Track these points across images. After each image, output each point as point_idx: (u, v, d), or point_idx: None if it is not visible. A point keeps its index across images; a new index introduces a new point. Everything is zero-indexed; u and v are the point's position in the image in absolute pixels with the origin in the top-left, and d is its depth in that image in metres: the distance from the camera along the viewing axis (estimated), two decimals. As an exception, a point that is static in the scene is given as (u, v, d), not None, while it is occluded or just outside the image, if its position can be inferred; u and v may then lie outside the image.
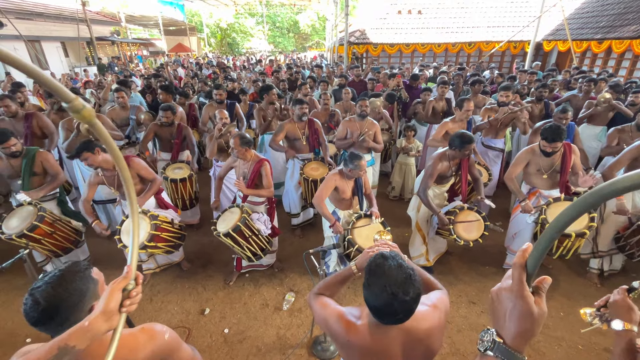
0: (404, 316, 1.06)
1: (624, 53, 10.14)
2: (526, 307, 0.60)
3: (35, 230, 2.76)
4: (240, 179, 3.05)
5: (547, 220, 2.75)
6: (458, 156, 2.95)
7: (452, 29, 14.08)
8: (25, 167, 2.94)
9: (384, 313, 1.07)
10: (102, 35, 17.92)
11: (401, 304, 1.03)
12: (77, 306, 0.98)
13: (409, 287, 1.03)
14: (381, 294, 1.04)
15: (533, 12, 12.32)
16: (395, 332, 1.14)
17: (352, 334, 1.16)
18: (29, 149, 3.00)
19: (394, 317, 1.06)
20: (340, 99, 5.19)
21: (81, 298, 0.99)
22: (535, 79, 6.19)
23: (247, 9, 33.68)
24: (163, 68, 9.58)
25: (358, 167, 2.67)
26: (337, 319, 1.22)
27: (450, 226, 2.88)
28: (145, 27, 26.60)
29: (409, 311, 1.06)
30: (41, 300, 0.94)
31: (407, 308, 1.05)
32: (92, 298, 1.02)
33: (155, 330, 1.12)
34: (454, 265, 3.54)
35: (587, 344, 2.61)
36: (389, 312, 1.05)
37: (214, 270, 3.52)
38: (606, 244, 3.12)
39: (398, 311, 1.04)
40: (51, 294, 0.95)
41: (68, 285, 0.98)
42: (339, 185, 2.89)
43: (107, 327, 0.84)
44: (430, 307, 1.23)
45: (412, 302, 1.05)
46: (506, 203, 4.52)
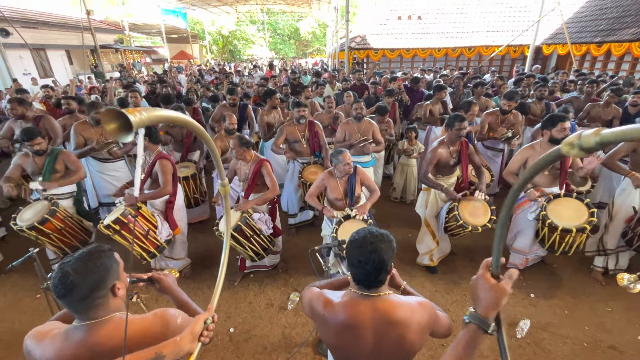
0: (375, 271, 1.19)
1: (623, 56, 10.22)
2: (487, 286, 0.86)
3: (45, 224, 2.86)
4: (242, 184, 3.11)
5: (547, 216, 2.76)
6: (454, 138, 3.05)
7: (451, 33, 14.22)
8: (47, 164, 3.10)
9: (358, 269, 1.21)
10: (106, 43, 18.17)
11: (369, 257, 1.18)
12: (102, 281, 1.05)
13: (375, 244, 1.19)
14: (354, 253, 1.22)
15: (532, 17, 12.44)
16: (366, 306, 1.22)
17: (328, 309, 1.27)
18: (54, 149, 3.17)
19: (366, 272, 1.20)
20: (342, 102, 5.25)
21: (106, 274, 1.06)
22: (534, 82, 6.24)
23: (248, 17, 34.14)
24: (166, 74, 9.70)
25: (340, 160, 2.75)
26: (318, 297, 1.32)
27: (456, 212, 2.90)
28: (148, 35, 26.94)
29: (378, 265, 1.18)
30: (71, 272, 1.00)
31: (376, 262, 1.18)
32: (114, 277, 1.09)
33: (167, 314, 1.16)
34: (457, 265, 3.55)
35: (592, 342, 2.61)
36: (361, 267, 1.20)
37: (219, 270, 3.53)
38: (614, 242, 3.13)
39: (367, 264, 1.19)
40: (80, 267, 1.02)
41: (96, 260, 1.05)
42: (328, 185, 2.93)
43: (189, 348, 1.04)
44: (414, 302, 1.27)
45: (378, 257, 1.18)
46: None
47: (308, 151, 3.87)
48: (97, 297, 1.04)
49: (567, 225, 2.68)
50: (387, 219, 4.41)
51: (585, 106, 4.53)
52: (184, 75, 13.34)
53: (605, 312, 2.88)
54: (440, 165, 3.23)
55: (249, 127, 4.66)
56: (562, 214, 2.76)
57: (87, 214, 3.29)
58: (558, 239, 2.78)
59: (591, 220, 2.67)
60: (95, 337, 1.04)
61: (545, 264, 3.50)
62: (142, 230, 2.91)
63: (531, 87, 5.96)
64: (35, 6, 16.02)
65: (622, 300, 2.97)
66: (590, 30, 11.39)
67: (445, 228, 3.21)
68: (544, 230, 2.88)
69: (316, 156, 3.89)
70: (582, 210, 2.74)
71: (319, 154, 3.89)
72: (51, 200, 3.02)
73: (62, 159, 3.16)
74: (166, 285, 1.35)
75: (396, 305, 1.22)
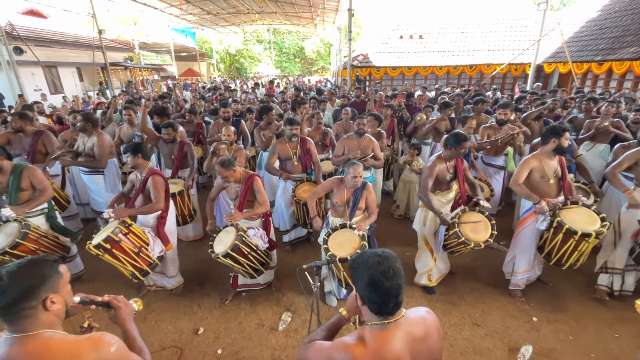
0: (396, 294, 1.12)
1: (625, 74, 10.22)
2: None
3: (18, 248, 2.72)
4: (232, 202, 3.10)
5: (563, 221, 2.70)
6: (454, 155, 3.05)
7: (453, 52, 14.42)
8: (12, 182, 2.91)
9: (378, 296, 1.12)
10: (116, 60, 18.72)
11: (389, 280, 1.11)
12: (33, 290, 1.02)
13: (390, 264, 1.13)
14: (371, 278, 1.12)
15: (532, 36, 12.59)
16: (399, 335, 1.15)
17: (361, 354, 1.11)
18: (18, 165, 2.99)
19: (388, 297, 1.11)
20: (340, 118, 5.27)
21: (40, 283, 1.03)
22: (535, 98, 6.23)
23: (255, 36, 35.12)
24: (172, 91, 9.90)
25: (350, 172, 2.82)
26: (343, 348, 1.15)
27: (457, 229, 2.84)
28: (157, 53, 27.78)
29: (398, 287, 1.12)
30: (3, 276, 1.00)
31: (397, 284, 1.12)
32: (51, 289, 1.06)
33: (102, 340, 1.09)
34: (456, 285, 3.43)
35: (599, 370, 2.46)
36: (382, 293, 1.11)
37: (211, 289, 3.45)
38: (622, 260, 3.01)
39: (389, 288, 1.11)
40: (14, 272, 1.01)
41: (32, 267, 1.04)
42: (336, 189, 3.00)
43: None
44: (422, 312, 1.27)
45: (398, 278, 1.12)
46: (510, 222, 4.43)
47: (299, 169, 3.83)
48: (24, 307, 1.01)
49: (586, 229, 2.63)
50: (385, 237, 4.31)
51: (585, 123, 4.48)
52: (189, 92, 13.62)
53: (612, 338, 2.73)
54: (437, 181, 3.19)
55: (243, 142, 4.69)
56: (576, 219, 2.72)
57: (63, 229, 3.19)
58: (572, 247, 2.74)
59: (605, 224, 2.67)
60: (16, 353, 0.98)
61: (542, 282, 3.37)
62: (134, 248, 2.86)
63: (532, 105, 5.95)
64: (50, 26, 16.59)
65: (630, 325, 2.82)
66: (591, 49, 11.47)
67: (444, 246, 3.12)
68: (554, 241, 2.82)
69: (308, 174, 3.85)
70: (593, 216, 2.74)
71: (311, 172, 3.85)
72: (22, 222, 2.80)
73: (27, 175, 2.95)
74: (121, 316, 1.29)
75: (418, 322, 1.21)
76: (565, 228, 2.68)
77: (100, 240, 2.68)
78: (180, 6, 14.93)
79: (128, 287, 3.36)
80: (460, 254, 3.13)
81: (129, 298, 1.45)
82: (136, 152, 2.96)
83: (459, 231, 2.83)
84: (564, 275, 3.43)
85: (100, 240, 2.68)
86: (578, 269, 2.95)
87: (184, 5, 15.26)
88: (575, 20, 13.76)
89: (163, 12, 16.83)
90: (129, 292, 3.32)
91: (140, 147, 3.00)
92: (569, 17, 14.29)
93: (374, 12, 21.05)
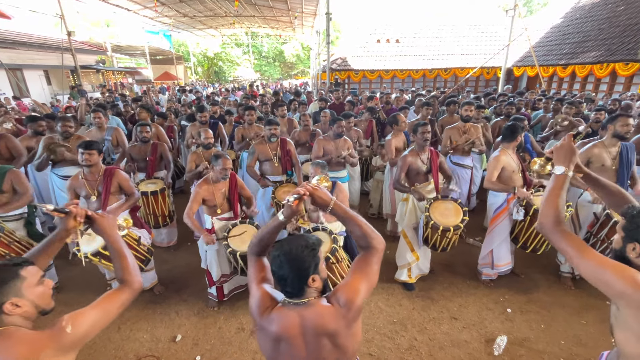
0: (292, 284, 1.20)
1: (587, 77, 10.88)
2: None
3: None
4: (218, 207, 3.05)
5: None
6: (420, 142, 3.25)
7: (428, 56, 14.86)
8: None
9: (277, 276, 1.22)
10: (87, 63, 18.02)
11: (285, 268, 1.19)
12: None
13: (293, 258, 1.19)
14: (275, 258, 1.22)
15: (502, 41, 13.18)
16: (294, 316, 1.20)
17: (265, 315, 1.23)
18: (1, 167, 2.93)
19: (284, 281, 1.20)
20: (319, 121, 5.30)
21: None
22: (502, 100, 6.54)
23: (233, 39, 34.77)
24: (146, 94, 9.63)
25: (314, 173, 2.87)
26: (262, 298, 1.27)
27: (427, 213, 2.97)
28: (132, 56, 26.97)
29: (295, 277, 1.19)
30: None
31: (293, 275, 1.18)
32: (11, 293, 1.05)
33: (57, 329, 1.08)
34: (435, 282, 3.50)
35: (569, 356, 2.57)
36: (279, 274, 1.21)
37: (189, 294, 3.36)
38: None
39: (285, 275, 1.19)
40: None
41: None
42: None
43: None
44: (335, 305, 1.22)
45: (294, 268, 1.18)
46: (483, 219, 4.58)
47: (279, 170, 3.82)
48: None
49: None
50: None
51: (549, 122, 4.73)
52: (166, 96, 13.29)
53: (580, 325, 2.87)
54: (413, 173, 3.35)
55: (221, 144, 4.63)
56: None
57: (40, 236, 3.04)
58: (535, 232, 2.91)
59: (569, 209, 2.96)
60: None
61: (515, 274, 3.50)
62: (134, 243, 2.86)
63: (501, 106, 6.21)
64: (14, 27, 15.77)
65: (595, 312, 2.98)
66: (556, 54, 12.13)
67: (425, 240, 3.18)
68: (520, 226, 3.02)
69: (288, 175, 3.84)
70: None
71: (291, 173, 3.84)
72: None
73: (10, 178, 2.88)
74: (102, 225, 1.35)
75: (322, 314, 1.19)
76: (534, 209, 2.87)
77: (100, 248, 2.56)
78: (154, 8, 14.59)
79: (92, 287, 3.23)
80: (442, 248, 3.16)
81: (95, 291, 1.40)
82: (100, 151, 2.93)
83: (429, 215, 2.96)
84: (534, 267, 3.59)
85: (99, 248, 2.56)
86: (547, 261, 3.11)
87: (159, 8, 14.93)
88: (541, 27, 14.53)
89: (137, 14, 16.37)
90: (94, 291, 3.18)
91: (100, 145, 2.96)
92: (535, 24, 15.05)
93: (352, 16, 21.40)
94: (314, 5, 14.62)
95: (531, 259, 3.54)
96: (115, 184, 3.01)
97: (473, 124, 4.34)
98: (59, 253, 1.38)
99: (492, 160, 3.16)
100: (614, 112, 4.76)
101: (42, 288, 1.14)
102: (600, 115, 4.46)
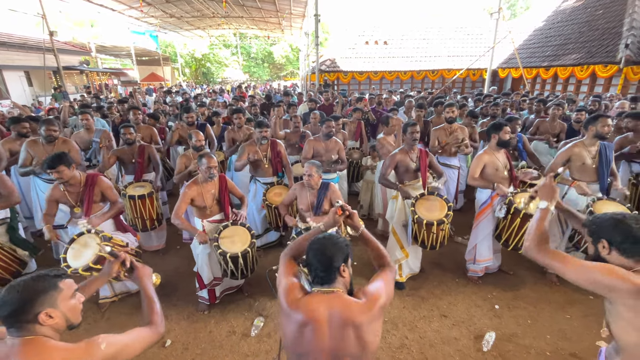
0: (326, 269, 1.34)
1: (568, 78, 11.20)
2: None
3: None
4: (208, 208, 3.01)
5: (518, 207, 2.91)
6: (409, 142, 3.32)
7: (415, 57, 15.06)
8: None
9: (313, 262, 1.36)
10: (70, 64, 17.58)
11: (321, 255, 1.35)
12: (27, 304, 1.07)
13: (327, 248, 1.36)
14: (312, 248, 1.38)
15: (488, 43, 13.45)
16: (321, 300, 1.31)
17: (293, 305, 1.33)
18: None
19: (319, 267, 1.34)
20: (309, 122, 5.31)
21: (33, 298, 1.08)
22: (487, 101, 6.67)
23: (221, 40, 34.50)
24: (132, 96, 9.47)
25: (305, 171, 2.86)
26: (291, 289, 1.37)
27: (412, 208, 3.05)
28: (117, 57, 26.45)
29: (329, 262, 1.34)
30: (3, 290, 1.08)
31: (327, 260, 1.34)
32: (46, 304, 1.10)
33: (91, 343, 1.14)
34: (425, 281, 3.54)
35: (554, 350, 2.64)
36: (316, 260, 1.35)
37: (179, 298, 3.32)
38: (564, 245, 3.32)
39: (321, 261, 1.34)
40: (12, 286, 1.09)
41: (29, 282, 1.11)
42: (299, 195, 3.01)
43: None
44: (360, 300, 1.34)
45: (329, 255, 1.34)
46: (472, 217, 4.65)
47: (270, 171, 3.81)
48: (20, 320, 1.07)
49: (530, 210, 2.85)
50: (353, 236, 4.38)
51: (535, 122, 4.85)
52: (153, 97, 13.08)
53: (564, 319, 2.95)
54: (402, 170, 3.43)
55: (209, 146, 4.59)
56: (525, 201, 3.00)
57: (23, 242, 2.95)
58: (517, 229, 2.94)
59: None
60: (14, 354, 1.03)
61: (503, 272, 3.58)
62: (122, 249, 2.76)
63: (487, 107, 6.34)
64: (-7, 27, 15.33)
65: (579, 307, 3.07)
66: (539, 56, 12.45)
67: (415, 238, 3.22)
68: (503, 223, 3.07)
69: (279, 176, 3.84)
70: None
71: (282, 175, 3.84)
72: None
73: None
74: (139, 275, 1.51)
75: (349, 304, 1.30)
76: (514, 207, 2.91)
77: (91, 263, 2.45)
78: (140, 8, 14.36)
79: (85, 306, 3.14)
80: (430, 246, 3.17)
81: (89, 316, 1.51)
82: (69, 164, 2.70)
83: (414, 210, 3.03)
84: (521, 265, 3.67)
85: (90, 264, 2.45)
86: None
87: (145, 8, 14.71)
88: (524, 29, 14.89)
89: (122, 14, 16.08)
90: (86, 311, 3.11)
91: (68, 157, 2.73)
92: (518, 27, 15.43)
93: (341, 17, 21.52)
94: (303, 6, 14.66)
95: (517, 257, 3.62)
96: (98, 192, 2.90)
97: (460, 125, 4.43)
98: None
99: (475, 158, 3.28)
100: (594, 112, 4.94)
101: (74, 301, 1.20)
102: (581, 115, 4.60)
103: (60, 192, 2.82)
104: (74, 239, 2.63)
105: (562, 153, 3.23)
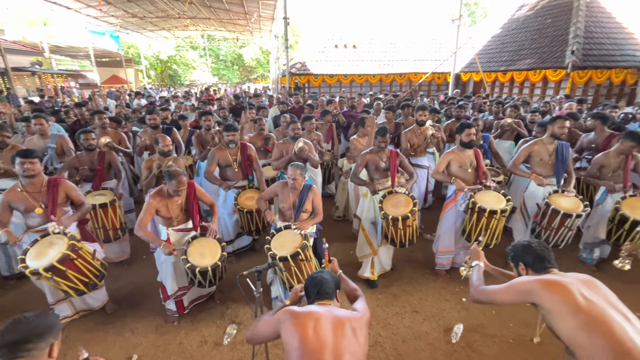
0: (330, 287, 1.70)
1: (523, 82, 11.98)
2: None
3: None
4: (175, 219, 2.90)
5: (476, 202, 3.12)
6: (377, 149, 3.45)
7: (383, 61, 15.45)
8: None
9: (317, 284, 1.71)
10: (20, 65, 16.29)
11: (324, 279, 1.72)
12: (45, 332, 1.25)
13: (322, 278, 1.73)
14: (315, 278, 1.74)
15: (451, 48, 14.08)
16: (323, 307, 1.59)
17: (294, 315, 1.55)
18: None
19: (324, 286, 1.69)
20: (280, 124, 5.28)
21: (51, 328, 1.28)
22: (450, 102, 7.01)
23: (188, 42, 33.48)
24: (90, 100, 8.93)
25: (290, 174, 2.87)
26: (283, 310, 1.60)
27: (379, 204, 3.17)
28: (74, 58, 24.86)
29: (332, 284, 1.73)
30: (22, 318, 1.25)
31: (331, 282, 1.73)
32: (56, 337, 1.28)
33: None
34: (397, 279, 3.63)
35: (517, 337, 2.81)
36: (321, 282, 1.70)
37: (146, 310, 3.16)
38: (527, 237, 3.54)
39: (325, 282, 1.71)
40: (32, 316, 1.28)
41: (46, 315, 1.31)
42: (280, 193, 3.03)
43: None
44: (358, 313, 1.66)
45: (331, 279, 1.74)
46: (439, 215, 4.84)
47: (240, 175, 3.74)
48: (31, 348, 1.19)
49: (493, 207, 3.05)
50: (328, 238, 4.34)
51: (494, 123, 5.14)
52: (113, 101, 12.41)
53: (525, 307, 3.09)
54: (372, 168, 3.53)
55: (176, 151, 4.44)
56: (487, 200, 3.17)
57: None
58: (484, 226, 3.12)
59: (509, 204, 3.14)
60: None
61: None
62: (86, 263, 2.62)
63: (452, 109, 6.66)
64: None
65: (538, 295, 3.28)
66: (497, 61, 13.22)
67: (385, 235, 3.30)
68: (471, 221, 3.21)
69: (250, 180, 3.78)
70: (500, 198, 3.22)
71: (252, 178, 3.79)
72: None
73: None
74: None
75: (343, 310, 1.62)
76: (478, 206, 3.10)
77: (55, 262, 2.32)
78: (99, 7, 13.61)
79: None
80: (399, 243, 3.24)
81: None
82: (41, 160, 2.70)
83: (381, 206, 3.14)
84: (487, 259, 3.85)
85: (54, 262, 2.31)
86: (498, 251, 3.34)
87: (105, 7, 13.96)
88: (483, 36, 15.75)
89: (79, 13, 15.16)
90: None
91: (39, 152, 2.75)
92: (478, 33, 16.30)
93: (310, 20, 21.56)
94: (272, 9, 14.58)
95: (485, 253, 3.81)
96: (62, 194, 2.80)
97: (438, 125, 4.60)
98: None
99: (442, 156, 3.49)
100: (545, 114, 5.33)
101: None
102: (535, 116, 4.94)
103: (17, 195, 2.65)
104: (38, 240, 2.51)
105: (524, 150, 3.54)
